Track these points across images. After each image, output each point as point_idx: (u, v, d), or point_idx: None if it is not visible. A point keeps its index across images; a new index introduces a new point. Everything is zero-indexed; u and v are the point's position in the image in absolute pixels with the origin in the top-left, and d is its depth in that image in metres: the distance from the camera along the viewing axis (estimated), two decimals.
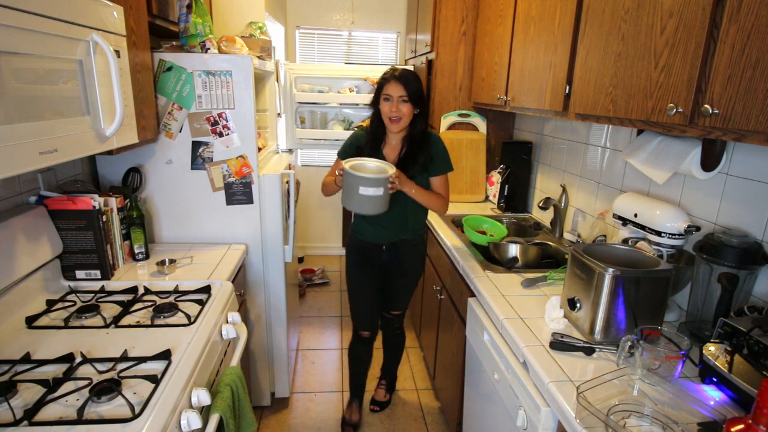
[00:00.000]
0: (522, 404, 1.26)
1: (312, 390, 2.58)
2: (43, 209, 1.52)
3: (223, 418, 1.19)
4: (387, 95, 1.84)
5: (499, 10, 2.34)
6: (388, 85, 1.84)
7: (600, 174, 2.00)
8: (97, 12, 1.25)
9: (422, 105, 1.89)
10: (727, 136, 0.96)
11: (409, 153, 1.92)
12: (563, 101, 1.65)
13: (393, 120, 1.85)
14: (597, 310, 1.28)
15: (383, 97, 1.86)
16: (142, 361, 1.17)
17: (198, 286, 1.63)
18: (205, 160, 1.98)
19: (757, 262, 1.20)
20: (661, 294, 1.27)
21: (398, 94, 1.82)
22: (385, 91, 1.85)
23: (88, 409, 1.00)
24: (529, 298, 1.58)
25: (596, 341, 1.30)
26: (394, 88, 1.82)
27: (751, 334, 1.05)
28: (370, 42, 4.12)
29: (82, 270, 1.63)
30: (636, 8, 1.24)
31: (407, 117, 1.86)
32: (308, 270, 3.93)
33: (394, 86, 1.82)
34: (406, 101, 1.83)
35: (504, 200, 2.65)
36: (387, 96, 1.84)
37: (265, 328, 2.24)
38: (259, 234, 2.10)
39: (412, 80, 1.83)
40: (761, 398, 0.79)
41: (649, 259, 1.35)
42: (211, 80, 1.89)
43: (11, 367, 1.12)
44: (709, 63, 1.00)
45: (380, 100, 1.88)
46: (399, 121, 1.85)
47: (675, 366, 1.10)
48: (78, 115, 1.17)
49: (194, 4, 1.84)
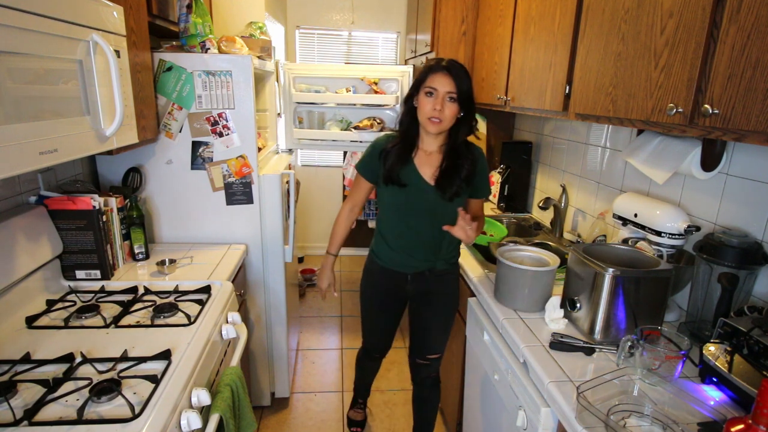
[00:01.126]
0: (522, 404, 1.26)
1: (312, 390, 2.58)
2: (43, 209, 1.52)
3: (223, 418, 1.19)
4: (431, 89, 1.48)
5: (499, 10, 2.34)
6: (435, 77, 1.48)
7: (600, 174, 2.00)
8: (97, 12, 1.25)
9: (470, 108, 1.54)
10: (727, 136, 0.96)
11: (451, 165, 1.57)
12: (563, 101, 1.65)
13: (433, 121, 1.49)
14: (597, 310, 1.28)
15: (425, 90, 1.49)
16: (142, 361, 1.17)
17: (198, 286, 1.63)
18: (205, 160, 1.98)
19: (757, 262, 1.20)
20: (661, 294, 1.27)
21: (446, 90, 1.47)
22: (429, 83, 1.48)
23: (88, 409, 1.00)
24: None
25: (596, 341, 1.30)
26: (442, 81, 1.47)
27: (751, 334, 1.05)
28: (370, 42, 4.12)
29: (82, 270, 1.62)
30: (636, 8, 1.24)
31: (450, 120, 1.51)
32: (308, 270, 3.93)
33: (443, 79, 1.47)
34: (455, 100, 1.48)
35: (504, 200, 2.65)
36: (430, 90, 1.48)
37: (265, 328, 2.24)
38: (259, 234, 2.10)
39: (464, 75, 1.49)
40: (761, 398, 0.79)
41: (649, 259, 1.35)
42: (211, 80, 1.89)
43: (11, 367, 1.12)
44: (709, 63, 1.00)
45: (419, 94, 1.52)
46: (440, 124, 1.50)
47: (675, 366, 1.10)
48: (78, 115, 1.17)
49: (194, 4, 1.84)
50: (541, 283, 1.46)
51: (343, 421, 2.34)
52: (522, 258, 1.57)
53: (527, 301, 1.48)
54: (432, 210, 1.61)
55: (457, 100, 1.48)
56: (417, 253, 1.67)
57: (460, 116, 1.54)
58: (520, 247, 1.62)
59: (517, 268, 1.45)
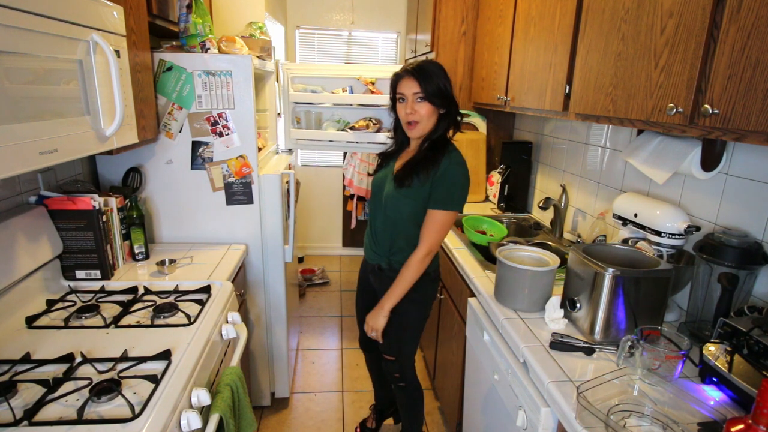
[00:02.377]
0: (522, 404, 1.26)
1: (312, 390, 2.58)
2: (43, 209, 1.52)
3: (223, 418, 1.19)
4: (400, 95, 1.57)
5: (499, 10, 2.34)
6: (401, 83, 1.56)
7: (600, 174, 2.00)
8: (97, 12, 1.25)
9: (448, 104, 1.57)
10: (727, 136, 0.96)
11: (419, 157, 1.59)
12: (563, 101, 1.65)
13: (410, 125, 1.56)
14: (597, 310, 1.28)
15: (397, 98, 1.59)
16: (142, 361, 1.17)
17: (198, 286, 1.63)
18: (205, 160, 1.98)
19: (757, 262, 1.20)
20: (661, 294, 1.27)
21: (412, 92, 1.53)
22: (398, 89, 1.57)
23: (88, 409, 1.00)
24: None
25: (596, 341, 1.30)
26: (408, 85, 1.53)
27: (751, 334, 1.05)
28: (370, 42, 4.12)
29: (82, 270, 1.62)
30: (636, 8, 1.24)
31: (427, 119, 1.55)
32: (308, 270, 3.93)
33: (408, 83, 1.53)
34: (423, 99, 1.53)
35: (504, 200, 2.65)
36: (401, 96, 1.57)
37: (265, 328, 2.24)
38: (259, 234, 2.10)
39: (430, 73, 1.52)
40: (761, 398, 0.79)
41: (650, 259, 1.35)
42: (211, 80, 1.89)
43: (11, 367, 1.12)
44: (709, 63, 1.00)
45: (396, 104, 1.61)
46: (416, 125, 1.56)
47: (675, 366, 1.10)
48: (78, 115, 1.17)
49: (194, 4, 1.84)
50: (541, 283, 1.46)
51: (343, 421, 2.34)
52: (522, 258, 1.57)
53: (527, 301, 1.48)
54: (387, 198, 1.65)
55: (426, 98, 1.53)
56: (372, 243, 1.75)
57: (442, 113, 1.58)
58: (520, 247, 1.62)
59: (517, 268, 1.45)
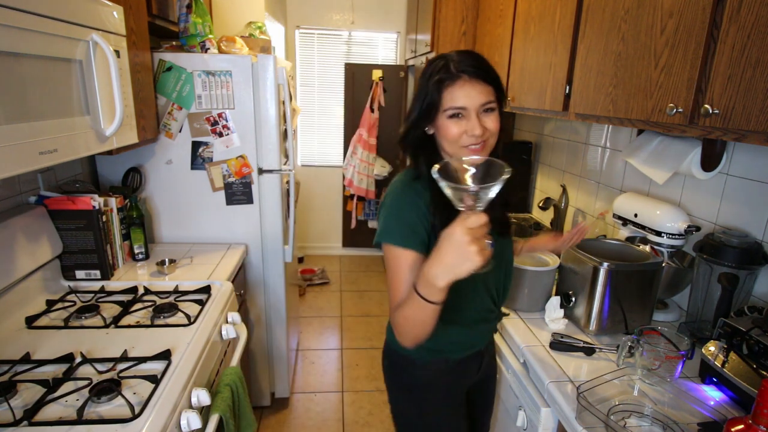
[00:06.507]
0: (522, 404, 1.26)
1: (312, 390, 2.58)
2: (43, 209, 1.52)
3: (223, 418, 1.19)
4: (455, 109, 0.97)
5: (499, 10, 2.34)
6: (456, 89, 0.96)
7: (600, 174, 2.00)
8: (96, 12, 1.25)
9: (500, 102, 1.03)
10: (727, 136, 0.96)
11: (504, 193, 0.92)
12: (563, 101, 1.64)
13: (473, 149, 0.99)
14: (592, 303, 1.33)
15: (447, 112, 0.97)
16: (141, 361, 1.17)
17: (198, 286, 1.62)
18: (205, 160, 1.98)
19: (757, 262, 1.20)
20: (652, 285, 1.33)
21: (480, 102, 0.96)
22: (449, 102, 0.97)
23: (88, 409, 1.00)
24: None
25: (591, 332, 1.34)
26: (470, 93, 0.96)
27: (750, 333, 1.05)
28: (370, 42, 4.12)
29: (82, 270, 1.62)
30: (636, 8, 1.24)
31: (496, 134, 1.03)
32: (308, 270, 3.93)
33: (470, 89, 0.96)
34: (494, 110, 1.00)
35: None
36: (456, 111, 0.97)
37: (265, 328, 2.24)
38: (259, 234, 2.10)
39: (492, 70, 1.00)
40: (761, 398, 0.79)
41: (639, 253, 1.40)
42: (211, 80, 1.89)
43: (11, 367, 1.12)
44: (709, 63, 1.00)
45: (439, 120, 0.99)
46: (485, 146, 1.00)
47: (675, 366, 1.10)
48: (78, 115, 1.17)
49: (194, 4, 1.84)
50: (541, 283, 1.47)
51: (343, 421, 2.34)
52: (522, 258, 1.57)
53: (527, 301, 1.48)
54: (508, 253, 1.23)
55: (499, 107, 1.01)
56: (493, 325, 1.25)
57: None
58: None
59: (517, 268, 1.46)
